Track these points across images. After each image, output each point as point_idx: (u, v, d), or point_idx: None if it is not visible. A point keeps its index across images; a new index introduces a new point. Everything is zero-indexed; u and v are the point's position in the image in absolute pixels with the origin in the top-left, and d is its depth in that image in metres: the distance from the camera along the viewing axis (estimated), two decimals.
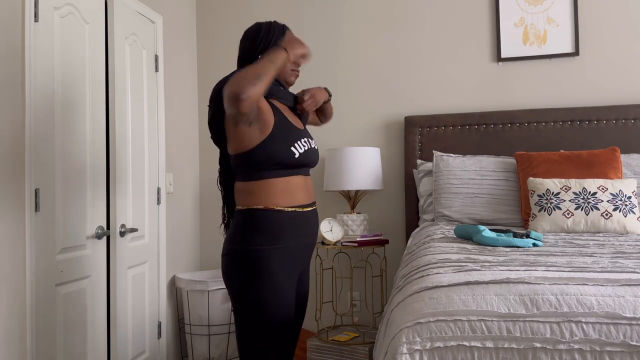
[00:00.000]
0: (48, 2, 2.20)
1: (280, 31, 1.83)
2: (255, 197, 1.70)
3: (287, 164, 1.72)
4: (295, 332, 1.91)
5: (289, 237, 1.73)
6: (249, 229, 1.68)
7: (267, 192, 1.70)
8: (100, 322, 2.50)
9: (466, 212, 2.79)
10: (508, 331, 1.23)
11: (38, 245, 2.11)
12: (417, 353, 1.23)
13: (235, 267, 1.68)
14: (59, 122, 2.26)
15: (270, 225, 1.69)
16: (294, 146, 1.73)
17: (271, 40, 1.80)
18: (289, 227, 1.72)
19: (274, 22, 1.86)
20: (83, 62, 2.42)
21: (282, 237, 1.70)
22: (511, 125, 3.08)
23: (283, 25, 1.86)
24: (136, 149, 2.79)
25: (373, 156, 3.07)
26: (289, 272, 1.74)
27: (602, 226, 2.36)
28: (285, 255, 1.72)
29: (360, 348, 2.82)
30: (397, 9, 3.36)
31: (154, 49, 3.04)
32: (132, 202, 2.73)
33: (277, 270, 1.68)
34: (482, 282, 1.34)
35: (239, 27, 3.59)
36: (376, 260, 3.32)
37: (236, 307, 1.70)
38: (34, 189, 2.10)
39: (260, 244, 1.67)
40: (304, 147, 1.77)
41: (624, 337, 1.18)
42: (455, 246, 1.94)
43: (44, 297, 2.14)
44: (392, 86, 3.36)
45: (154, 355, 2.95)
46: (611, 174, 2.58)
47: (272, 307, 1.66)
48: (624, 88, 3.05)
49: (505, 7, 3.18)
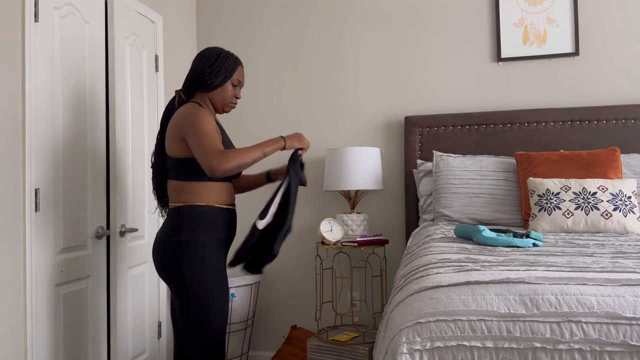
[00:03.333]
0: (48, 2, 2.20)
1: (234, 64, 2.04)
2: (196, 195, 1.94)
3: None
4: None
5: (224, 230, 1.99)
6: (192, 223, 1.91)
7: (207, 192, 1.95)
8: (100, 322, 2.50)
9: (466, 212, 2.79)
10: (508, 331, 1.23)
11: (38, 245, 2.11)
12: (417, 353, 1.23)
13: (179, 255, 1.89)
14: (59, 122, 2.26)
15: (211, 219, 1.94)
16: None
17: (226, 69, 2.02)
18: (224, 221, 1.98)
19: (231, 53, 2.06)
20: (83, 62, 2.42)
21: (219, 229, 1.96)
22: (511, 125, 3.08)
23: (237, 58, 2.07)
24: (136, 149, 2.79)
25: (373, 156, 3.07)
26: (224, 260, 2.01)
27: (602, 226, 2.36)
28: (222, 245, 1.98)
29: (360, 348, 2.82)
30: (397, 9, 3.36)
31: (154, 49, 3.04)
32: (132, 202, 2.73)
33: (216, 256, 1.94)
34: (482, 282, 1.34)
35: (239, 27, 3.59)
36: (376, 260, 3.32)
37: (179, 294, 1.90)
38: (34, 189, 2.10)
39: (202, 235, 1.91)
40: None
41: (624, 337, 1.18)
42: (455, 246, 1.94)
43: (44, 297, 2.14)
44: (392, 86, 3.36)
45: (154, 355, 2.95)
46: (611, 174, 2.58)
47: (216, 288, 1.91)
48: (624, 88, 3.05)
49: (505, 7, 3.18)
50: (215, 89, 2.03)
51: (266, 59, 3.54)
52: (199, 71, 2.01)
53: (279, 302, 3.48)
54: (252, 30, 3.57)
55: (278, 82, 3.53)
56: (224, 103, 2.07)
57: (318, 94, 3.46)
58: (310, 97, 3.47)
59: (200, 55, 2.05)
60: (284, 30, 3.52)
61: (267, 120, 3.53)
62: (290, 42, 3.51)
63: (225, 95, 2.05)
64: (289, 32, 3.51)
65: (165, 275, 1.93)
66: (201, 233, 1.91)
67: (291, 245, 3.47)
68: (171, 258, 1.90)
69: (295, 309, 3.46)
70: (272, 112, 3.53)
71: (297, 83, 3.50)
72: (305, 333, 3.27)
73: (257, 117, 3.55)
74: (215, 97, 2.04)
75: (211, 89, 2.02)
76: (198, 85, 2.03)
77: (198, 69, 2.02)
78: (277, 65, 3.53)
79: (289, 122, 3.49)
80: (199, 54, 2.07)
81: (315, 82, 3.47)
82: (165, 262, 1.92)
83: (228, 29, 3.61)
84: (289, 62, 3.51)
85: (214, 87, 2.02)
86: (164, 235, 1.93)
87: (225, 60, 2.02)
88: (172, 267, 1.90)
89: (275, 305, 3.49)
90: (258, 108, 3.55)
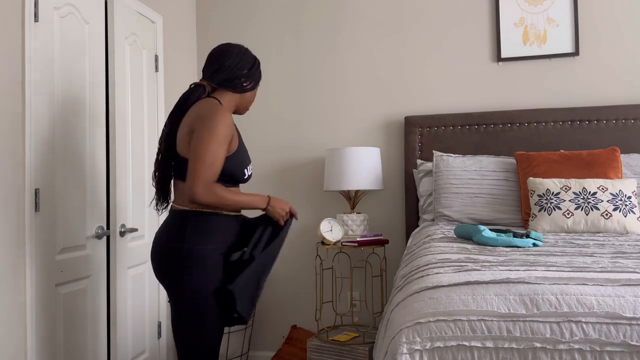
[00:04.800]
0: (48, 2, 2.20)
1: (260, 70, 2.05)
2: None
3: (237, 180, 1.94)
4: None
5: (228, 239, 1.90)
6: (196, 231, 1.83)
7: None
8: (100, 322, 2.50)
9: (466, 212, 2.79)
10: (508, 331, 1.23)
11: (38, 245, 2.11)
12: (417, 353, 1.23)
13: (179, 263, 1.81)
14: (59, 122, 2.26)
15: (216, 228, 1.86)
16: (246, 168, 1.96)
17: (259, 76, 2.03)
18: (229, 230, 1.90)
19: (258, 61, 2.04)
20: (83, 62, 2.42)
21: (224, 239, 1.88)
22: (511, 125, 3.08)
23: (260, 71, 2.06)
24: (136, 149, 2.79)
25: (373, 156, 3.07)
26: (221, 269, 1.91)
27: (602, 226, 2.36)
28: (224, 254, 1.88)
29: (360, 348, 2.82)
30: (397, 9, 3.36)
31: (154, 49, 3.04)
32: (132, 202, 2.73)
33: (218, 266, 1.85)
34: (482, 282, 1.34)
35: (239, 27, 3.59)
36: (376, 260, 3.32)
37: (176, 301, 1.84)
38: (34, 189, 2.10)
39: (205, 244, 1.82)
40: (250, 171, 2.01)
41: (624, 337, 1.18)
42: (455, 246, 1.94)
43: (44, 297, 2.14)
44: (392, 86, 3.36)
45: (154, 355, 2.95)
46: (611, 174, 2.58)
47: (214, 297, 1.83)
48: (624, 88, 3.05)
49: (505, 7, 3.18)
50: (246, 93, 2.00)
51: (266, 59, 3.54)
52: (238, 72, 1.95)
53: (279, 302, 3.48)
54: (251, 30, 3.57)
55: (278, 82, 3.53)
56: (247, 107, 2.07)
57: (318, 94, 3.46)
58: (311, 97, 3.47)
59: (237, 54, 1.96)
60: (283, 30, 3.52)
61: (267, 120, 3.53)
62: (290, 42, 3.51)
63: (251, 100, 2.05)
64: (289, 32, 3.51)
65: (164, 281, 1.88)
66: (204, 242, 1.82)
67: (291, 245, 3.47)
68: (171, 265, 1.83)
69: (295, 309, 3.46)
70: (272, 112, 3.53)
71: (297, 83, 3.50)
72: (305, 333, 3.27)
73: (257, 117, 3.55)
74: (244, 100, 2.02)
75: (243, 92, 1.99)
76: (232, 86, 1.95)
77: (237, 70, 1.95)
78: (277, 65, 3.53)
79: (289, 122, 3.49)
80: (233, 51, 1.97)
81: (315, 82, 3.47)
82: (164, 268, 1.86)
83: (228, 28, 3.61)
84: (289, 62, 3.51)
85: (246, 91, 1.99)
86: (165, 240, 1.85)
87: (258, 68, 2.02)
88: (171, 274, 1.84)
89: (275, 305, 3.49)
90: (258, 108, 3.55)
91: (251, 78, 1.99)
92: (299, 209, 3.46)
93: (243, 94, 2.00)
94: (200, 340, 1.85)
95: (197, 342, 1.85)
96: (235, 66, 1.94)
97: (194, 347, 1.86)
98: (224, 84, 1.95)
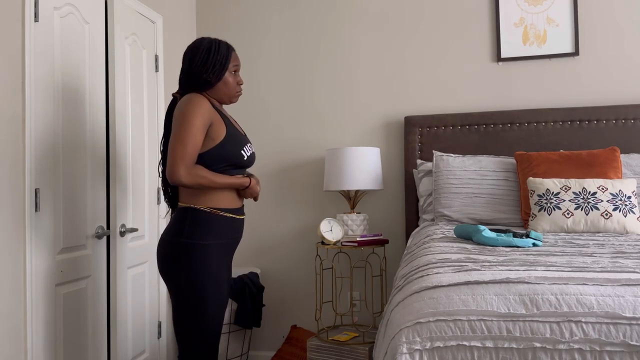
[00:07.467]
0: (48, 2, 2.20)
1: (226, 52, 1.97)
2: (201, 198, 1.91)
3: (238, 163, 1.96)
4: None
5: (226, 235, 1.96)
6: (194, 226, 1.88)
7: (212, 196, 1.92)
8: (100, 322, 2.50)
9: (466, 212, 2.79)
10: (508, 331, 1.23)
11: (38, 245, 2.11)
12: (417, 353, 1.23)
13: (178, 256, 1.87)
14: (59, 122, 2.26)
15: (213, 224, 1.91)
16: (243, 150, 1.97)
17: (221, 62, 1.95)
18: (227, 226, 1.95)
19: (221, 42, 1.97)
20: (83, 62, 2.42)
21: (222, 234, 1.93)
22: (511, 125, 3.08)
23: (228, 45, 1.99)
24: (136, 149, 2.79)
25: (373, 156, 3.07)
26: (224, 264, 1.97)
27: (602, 226, 2.36)
28: (223, 250, 1.95)
29: (360, 348, 2.82)
30: (398, 9, 3.36)
31: (154, 49, 3.04)
32: (132, 202, 2.73)
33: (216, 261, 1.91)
34: (482, 282, 1.34)
35: (239, 27, 3.59)
36: (376, 260, 3.32)
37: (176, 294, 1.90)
38: (34, 189, 2.10)
39: (203, 239, 1.88)
40: (249, 151, 2.01)
41: (623, 337, 1.19)
42: (455, 246, 1.94)
43: (44, 297, 2.14)
44: (392, 86, 3.36)
45: (154, 355, 2.95)
46: (611, 174, 2.58)
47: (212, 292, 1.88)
48: (624, 88, 3.05)
49: (505, 7, 3.18)
50: (215, 85, 1.96)
51: (266, 59, 3.54)
52: (194, 70, 1.93)
53: (279, 302, 3.48)
54: (252, 30, 3.57)
55: (278, 82, 3.53)
56: (230, 95, 2.00)
57: (318, 94, 3.46)
58: (311, 97, 3.47)
59: (189, 52, 1.95)
60: (284, 30, 3.52)
61: (267, 120, 3.53)
62: (290, 42, 3.51)
63: (229, 87, 1.98)
64: (290, 32, 3.51)
65: (164, 274, 1.94)
66: (202, 237, 1.88)
67: (291, 245, 3.47)
68: (171, 258, 1.90)
69: (295, 309, 3.46)
70: (272, 112, 3.53)
71: (297, 83, 3.50)
72: (305, 333, 3.28)
73: (257, 117, 3.55)
74: (219, 92, 1.97)
75: (211, 86, 1.95)
76: (196, 85, 1.94)
77: (192, 69, 1.93)
78: (277, 65, 3.53)
79: (289, 122, 3.49)
80: (187, 51, 1.96)
81: (315, 82, 3.46)
82: (165, 261, 1.92)
83: (228, 29, 3.61)
84: (289, 62, 3.51)
85: (213, 84, 1.95)
86: (167, 235, 1.93)
87: (217, 52, 1.93)
88: (170, 267, 1.90)
89: (275, 305, 3.49)
90: (258, 108, 3.55)
91: (212, 70, 1.92)
92: (299, 209, 3.46)
93: (215, 86, 1.96)
94: (198, 336, 1.90)
95: (195, 338, 1.89)
96: (190, 66, 1.95)
97: (192, 343, 1.90)
98: (189, 87, 1.97)
